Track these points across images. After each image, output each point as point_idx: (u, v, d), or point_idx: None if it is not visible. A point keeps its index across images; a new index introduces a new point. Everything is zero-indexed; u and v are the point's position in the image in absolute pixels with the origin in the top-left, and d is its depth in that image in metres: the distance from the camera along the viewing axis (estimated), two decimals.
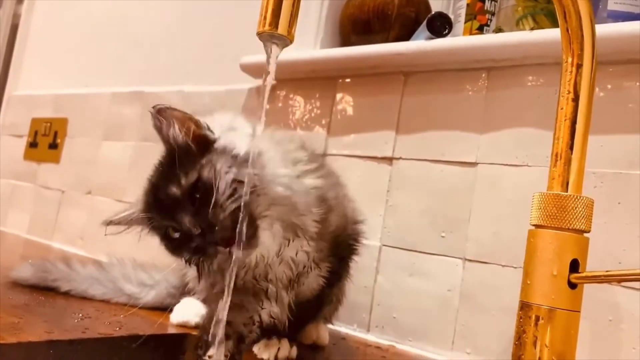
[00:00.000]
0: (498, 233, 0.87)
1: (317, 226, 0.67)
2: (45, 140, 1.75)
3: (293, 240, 0.66)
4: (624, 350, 0.75)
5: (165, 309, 0.85)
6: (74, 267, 0.90)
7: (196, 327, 0.78)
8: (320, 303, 0.76)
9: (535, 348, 0.53)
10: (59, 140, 1.71)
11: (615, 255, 0.77)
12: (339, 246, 0.74)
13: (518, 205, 0.86)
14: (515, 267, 0.85)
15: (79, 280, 0.87)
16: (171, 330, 0.76)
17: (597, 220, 0.56)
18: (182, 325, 0.78)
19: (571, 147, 0.55)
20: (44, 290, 0.86)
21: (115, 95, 1.57)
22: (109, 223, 0.66)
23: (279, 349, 0.69)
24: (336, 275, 0.75)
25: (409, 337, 0.94)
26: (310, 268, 0.70)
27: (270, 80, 0.54)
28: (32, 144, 1.80)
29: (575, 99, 0.55)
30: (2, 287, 0.84)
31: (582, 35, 0.55)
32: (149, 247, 0.65)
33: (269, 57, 0.53)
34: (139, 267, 0.91)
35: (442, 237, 0.93)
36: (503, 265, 0.86)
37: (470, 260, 0.90)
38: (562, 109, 0.56)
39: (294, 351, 0.71)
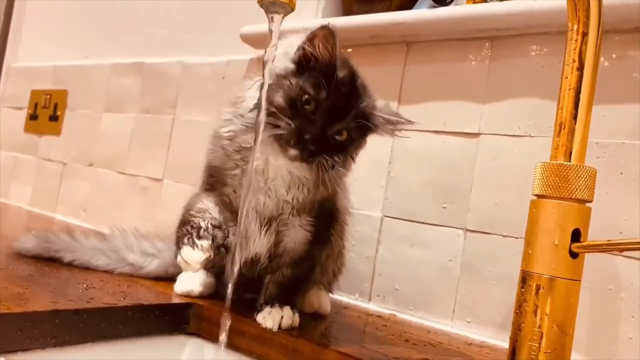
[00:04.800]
0: (500, 203, 0.88)
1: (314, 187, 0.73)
2: (46, 113, 1.74)
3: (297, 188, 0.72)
4: (623, 319, 0.76)
5: (169, 277, 0.85)
6: (77, 237, 0.90)
7: (200, 296, 0.78)
8: (312, 263, 0.79)
9: (535, 317, 0.53)
10: (59, 113, 1.70)
11: (616, 225, 0.77)
12: (321, 209, 0.77)
13: (520, 176, 0.86)
14: (517, 238, 0.85)
15: (82, 251, 0.87)
16: (175, 300, 0.76)
17: (599, 190, 0.56)
18: (185, 295, 0.78)
19: (575, 117, 0.55)
20: (48, 261, 0.86)
21: (115, 67, 1.56)
22: None
23: (282, 317, 0.70)
24: (321, 236, 0.78)
25: (410, 307, 0.95)
26: (291, 215, 0.74)
27: (273, 49, 0.53)
28: (33, 116, 1.79)
29: (580, 68, 0.55)
30: (6, 258, 0.84)
31: (589, 3, 0.54)
32: (151, 218, 0.65)
33: (270, 25, 0.53)
34: (142, 236, 0.92)
35: (444, 207, 0.93)
36: (504, 236, 0.86)
37: (471, 231, 0.90)
38: (566, 78, 0.55)
39: (297, 319, 0.72)
